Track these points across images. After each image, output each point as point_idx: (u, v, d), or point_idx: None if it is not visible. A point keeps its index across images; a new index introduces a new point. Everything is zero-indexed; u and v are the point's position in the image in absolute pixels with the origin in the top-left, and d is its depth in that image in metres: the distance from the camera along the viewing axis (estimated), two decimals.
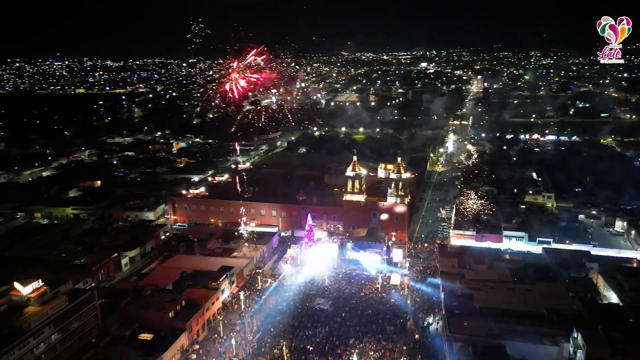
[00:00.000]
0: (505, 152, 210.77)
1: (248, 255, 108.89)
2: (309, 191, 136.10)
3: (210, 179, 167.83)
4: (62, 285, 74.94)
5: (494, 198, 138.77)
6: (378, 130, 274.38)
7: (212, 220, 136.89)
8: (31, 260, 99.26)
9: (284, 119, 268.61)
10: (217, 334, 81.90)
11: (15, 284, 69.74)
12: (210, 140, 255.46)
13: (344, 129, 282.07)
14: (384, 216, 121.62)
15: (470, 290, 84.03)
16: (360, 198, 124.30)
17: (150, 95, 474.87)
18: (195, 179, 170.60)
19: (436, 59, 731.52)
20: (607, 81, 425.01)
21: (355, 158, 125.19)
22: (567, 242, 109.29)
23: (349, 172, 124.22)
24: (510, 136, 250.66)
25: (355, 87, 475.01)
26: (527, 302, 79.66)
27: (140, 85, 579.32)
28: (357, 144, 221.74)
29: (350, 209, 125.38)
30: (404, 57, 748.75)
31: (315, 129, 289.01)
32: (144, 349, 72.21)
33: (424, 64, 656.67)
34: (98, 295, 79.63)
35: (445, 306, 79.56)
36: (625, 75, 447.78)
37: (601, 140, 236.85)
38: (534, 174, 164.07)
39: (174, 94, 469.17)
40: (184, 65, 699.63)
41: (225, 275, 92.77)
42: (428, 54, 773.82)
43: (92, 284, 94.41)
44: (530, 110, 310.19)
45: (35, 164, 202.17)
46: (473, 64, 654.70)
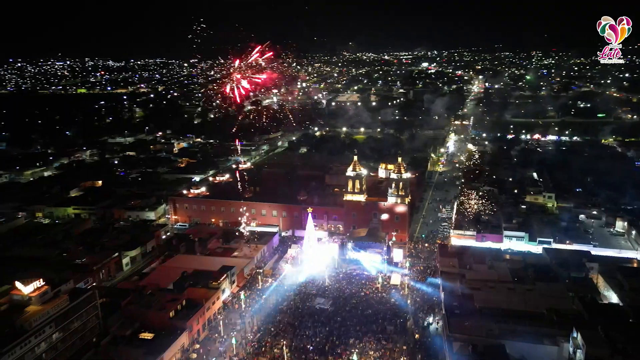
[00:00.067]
0: (506, 152, 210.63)
1: (249, 255, 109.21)
2: (310, 191, 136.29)
3: (211, 178, 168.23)
4: (63, 285, 75.43)
5: (495, 198, 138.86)
6: (379, 130, 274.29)
7: (213, 220, 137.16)
8: (32, 259, 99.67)
9: (285, 119, 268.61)
10: (218, 334, 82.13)
11: (17, 283, 70.15)
12: (211, 140, 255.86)
13: (345, 129, 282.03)
14: (385, 216, 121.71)
15: (470, 290, 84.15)
16: (361, 198, 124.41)
17: (152, 95, 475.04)
18: (196, 178, 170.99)
19: (437, 59, 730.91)
20: (609, 81, 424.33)
21: (355, 158, 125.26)
22: (568, 242, 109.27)
23: (350, 172, 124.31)
24: (511, 136, 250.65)
25: (356, 87, 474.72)
26: (527, 302, 79.74)
27: (142, 85, 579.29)
28: (358, 144, 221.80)
29: (350, 209, 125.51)
30: (405, 57, 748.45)
31: (316, 129, 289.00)
32: (144, 348, 72.46)
33: (425, 64, 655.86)
34: (99, 295, 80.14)
35: (446, 306, 79.71)
36: (626, 75, 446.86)
37: (602, 141, 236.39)
38: (535, 174, 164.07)
39: (175, 94, 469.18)
40: (185, 65, 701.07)
41: (225, 275, 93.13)
42: (429, 54, 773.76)
43: (93, 284, 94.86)
44: (531, 110, 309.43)
45: (37, 163, 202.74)
46: (474, 63, 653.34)
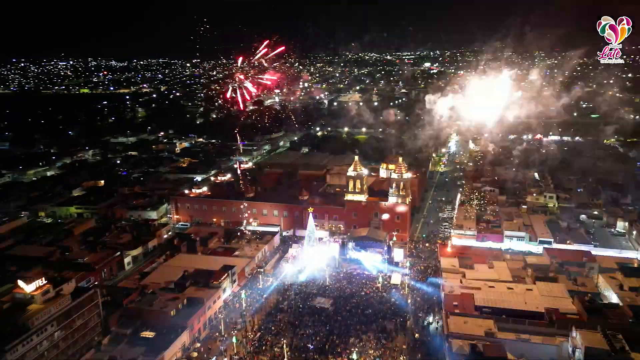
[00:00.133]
0: (508, 152, 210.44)
1: (249, 255, 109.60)
2: (311, 191, 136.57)
3: (212, 178, 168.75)
4: (65, 284, 76.06)
5: (496, 198, 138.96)
6: (381, 130, 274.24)
7: (214, 219, 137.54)
8: (35, 258, 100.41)
9: (287, 119, 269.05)
10: (218, 332, 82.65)
11: (19, 282, 70.77)
12: (213, 140, 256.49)
13: (346, 129, 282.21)
14: (385, 216, 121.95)
15: (470, 289, 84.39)
16: (362, 198, 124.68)
17: (154, 95, 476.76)
18: (198, 178, 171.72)
19: (440, 59, 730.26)
20: (611, 81, 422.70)
21: (356, 158, 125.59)
22: (568, 242, 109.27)
23: (351, 172, 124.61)
24: (513, 136, 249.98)
25: (358, 87, 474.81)
26: (527, 302, 79.86)
27: (144, 85, 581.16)
28: (360, 144, 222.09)
29: (351, 208, 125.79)
30: (407, 57, 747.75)
31: (318, 129, 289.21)
32: (145, 346, 72.99)
33: (427, 64, 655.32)
34: (100, 294, 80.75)
35: (445, 305, 79.96)
36: (629, 75, 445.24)
37: (604, 141, 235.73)
38: (536, 174, 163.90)
39: (177, 94, 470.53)
40: (188, 65, 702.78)
41: (226, 274, 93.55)
42: (432, 54, 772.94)
43: (95, 283, 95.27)
44: (533, 111, 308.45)
45: (40, 163, 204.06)
46: (476, 63, 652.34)
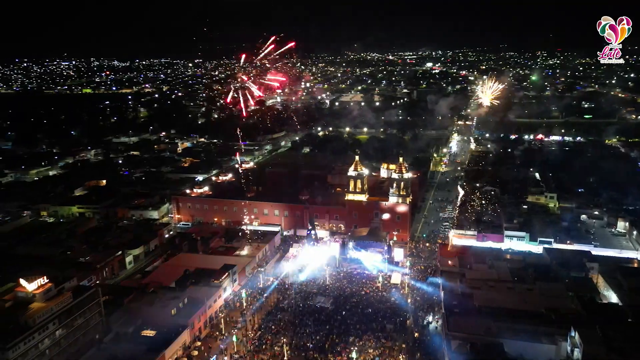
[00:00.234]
0: (509, 153, 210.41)
1: (250, 254, 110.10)
2: (312, 191, 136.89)
3: (214, 178, 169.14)
4: (67, 282, 76.35)
5: (497, 198, 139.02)
6: (382, 130, 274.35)
7: (216, 219, 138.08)
8: (37, 257, 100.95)
9: (288, 119, 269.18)
10: (219, 331, 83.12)
11: (21, 281, 71.18)
12: (214, 140, 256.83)
13: (348, 129, 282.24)
14: (386, 216, 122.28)
15: (470, 289, 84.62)
16: (362, 198, 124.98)
17: (156, 95, 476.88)
18: (200, 178, 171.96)
19: (442, 59, 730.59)
20: (614, 81, 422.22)
21: (357, 158, 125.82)
22: (569, 242, 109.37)
23: (352, 172, 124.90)
24: (514, 136, 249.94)
25: (360, 87, 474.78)
26: (527, 302, 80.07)
27: (147, 85, 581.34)
28: (361, 144, 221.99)
29: (352, 208, 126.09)
30: (409, 57, 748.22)
31: (320, 129, 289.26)
32: (146, 345, 73.39)
33: (429, 64, 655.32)
34: (102, 293, 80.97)
35: (445, 305, 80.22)
36: (632, 75, 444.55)
37: (606, 141, 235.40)
38: (537, 174, 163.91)
39: (179, 94, 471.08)
40: (190, 65, 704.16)
41: (227, 274, 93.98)
42: (434, 54, 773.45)
43: (97, 281, 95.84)
44: (535, 111, 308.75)
45: (42, 163, 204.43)
46: (479, 64, 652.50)
